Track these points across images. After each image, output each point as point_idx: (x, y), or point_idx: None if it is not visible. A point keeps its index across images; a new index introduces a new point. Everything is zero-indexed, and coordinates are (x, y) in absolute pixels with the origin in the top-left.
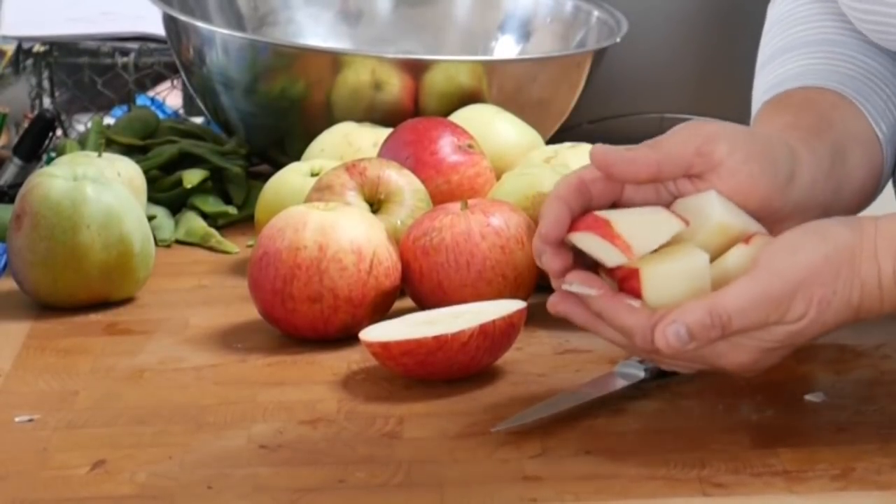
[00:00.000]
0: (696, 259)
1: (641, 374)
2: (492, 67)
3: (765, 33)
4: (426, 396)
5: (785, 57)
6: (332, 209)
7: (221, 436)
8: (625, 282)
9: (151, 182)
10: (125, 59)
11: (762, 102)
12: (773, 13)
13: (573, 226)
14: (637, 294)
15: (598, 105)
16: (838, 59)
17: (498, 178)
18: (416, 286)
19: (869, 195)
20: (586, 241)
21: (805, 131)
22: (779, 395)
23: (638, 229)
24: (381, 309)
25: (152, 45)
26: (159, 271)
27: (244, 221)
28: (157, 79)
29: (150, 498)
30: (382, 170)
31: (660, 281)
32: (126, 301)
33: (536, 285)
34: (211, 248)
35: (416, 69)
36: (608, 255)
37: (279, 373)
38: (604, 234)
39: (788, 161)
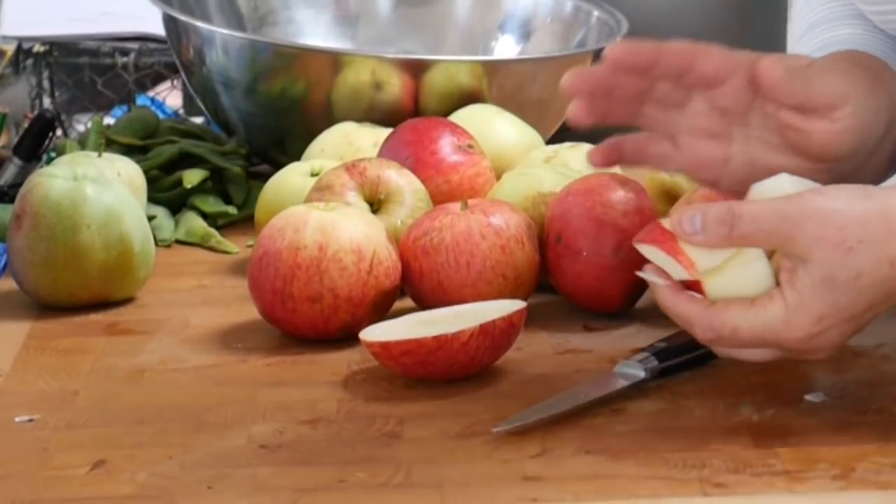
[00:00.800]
0: (756, 267)
1: (641, 374)
2: (492, 67)
3: (797, 12)
4: (426, 396)
5: (826, 26)
6: (332, 209)
7: (221, 436)
8: (689, 287)
9: (151, 182)
10: (125, 59)
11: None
12: None
13: (641, 236)
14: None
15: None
16: (879, 33)
17: (498, 178)
18: (416, 286)
19: (888, 169)
20: (652, 253)
21: (865, 84)
22: (779, 395)
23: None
24: (382, 309)
25: (152, 45)
26: (159, 271)
27: (244, 221)
28: (157, 79)
29: (150, 498)
30: (382, 170)
31: (721, 290)
32: (126, 301)
33: (536, 285)
34: (211, 248)
35: (416, 69)
36: (673, 269)
37: (279, 373)
38: (668, 250)
39: (874, 122)
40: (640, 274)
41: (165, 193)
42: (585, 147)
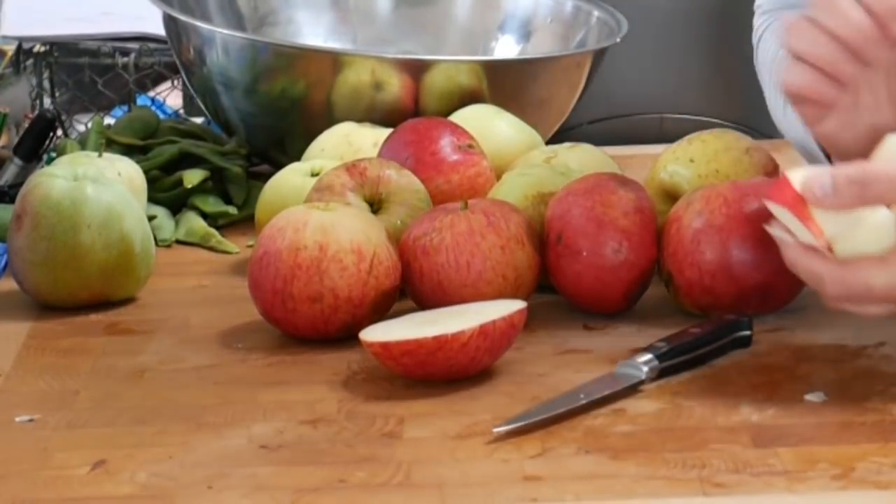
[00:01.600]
0: (884, 224)
1: (641, 375)
2: (492, 67)
3: (763, 40)
4: (426, 396)
5: None
6: (332, 209)
7: (221, 436)
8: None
9: (152, 182)
10: (125, 60)
11: None
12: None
13: (772, 193)
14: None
15: (598, 105)
16: None
17: (498, 177)
18: (416, 286)
19: None
20: (782, 214)
21: None
22: (779, 395)
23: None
24: (382, 309)
25: (153, 46)
26: (160, 271)
27: (244, 221)
28: (158, 79)
29: (150, 498)
30: (382, 170)
31: (849, 250)
32: (126, 301)
33: (537, 285)
34: (211, 248)
35: (416, 69)
36: (801, 234)
37: (279, 373)
38: (799, 215)
39: None
40: (767, 229)
41: (166, 193)
42: (585, 147)
